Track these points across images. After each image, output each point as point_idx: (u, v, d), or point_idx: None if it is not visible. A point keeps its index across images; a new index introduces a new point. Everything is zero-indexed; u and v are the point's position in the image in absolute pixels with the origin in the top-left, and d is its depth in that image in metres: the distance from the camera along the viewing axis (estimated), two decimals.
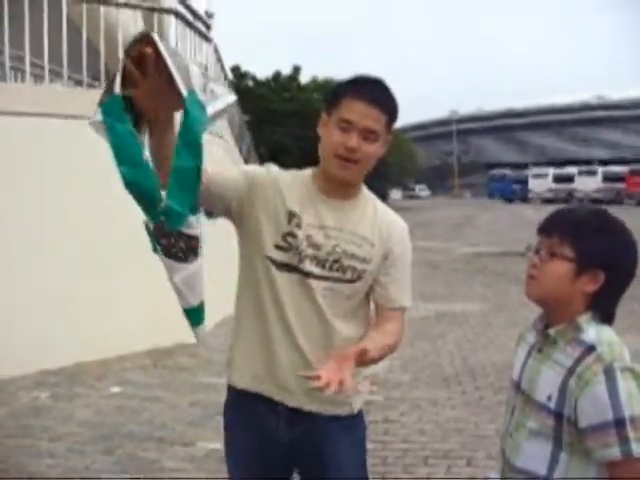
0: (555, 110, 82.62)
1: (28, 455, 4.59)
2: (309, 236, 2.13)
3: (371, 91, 2.12)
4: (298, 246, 2.13)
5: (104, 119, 1.73)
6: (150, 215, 1.83)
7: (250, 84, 32.32)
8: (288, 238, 2.14)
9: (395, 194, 55.26)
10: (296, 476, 2.36)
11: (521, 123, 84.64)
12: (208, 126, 1.80)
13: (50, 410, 5.51)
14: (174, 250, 1.90)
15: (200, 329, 2.11)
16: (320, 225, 2.15)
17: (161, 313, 6.16)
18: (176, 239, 1.88)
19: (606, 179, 44.90)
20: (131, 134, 1.74)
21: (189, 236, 1.88)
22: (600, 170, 46.38)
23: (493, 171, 61.17)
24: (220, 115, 1.86)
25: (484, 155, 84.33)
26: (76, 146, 6.11)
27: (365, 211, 2.23)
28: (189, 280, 1.97)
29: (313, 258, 2.13)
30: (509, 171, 58.49)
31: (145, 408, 5.57)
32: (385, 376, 6.33)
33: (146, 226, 1.89)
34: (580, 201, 38.30)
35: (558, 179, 47.96)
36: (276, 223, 2.15)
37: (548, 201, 42.43)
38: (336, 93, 2.16)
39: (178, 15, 8.54)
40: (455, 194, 73.70)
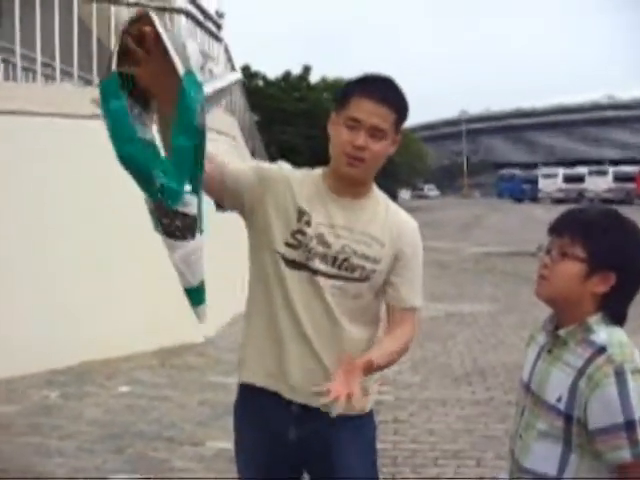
0: (565, 110, 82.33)
1: (38, 454, 4.60)
2: (319, 234, 2.13)
3: (379, 89, 2.11)
4: (307, 244, 2.13)
5: (101, 95, 1.75)
6: (148, 193, 1.84)
7: (260, 84, 32.33)
8: (297, 236, 2.14)
9: (404, 194, 55.21)
10: (306, 476, 2.35)
11: (530, 123, 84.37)
12: (209, 106, 1.80)
13: (60, 409, 5.52)
14: (172, 228, 1.92)
15: (200, 309, 2.11)
16: (330, 224, 2.15)
17: (166, 313, 6.18)
18: (173, 218, 1.90)
19: (617, 179, 44.69)
20: (125, 110, 1.74)
21: (185, 215, 1.90)
22: (611, 170, 46.18)
23: (502, 171, 60.95)
24: (222, 94, 1.85)
25: (493, 155, 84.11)
26: (86, 145, 6.12)
27: (376, 211, 2.22)
28: (187, 259, 1.98)
29: (323, 256, 2.13)
30: (519, 171, 58.30)
31: (154, 407, 5.58)
32: (395, 376, 6.32)
33: (147, 205, 1.91)
34: (590, 201, 38.14)
35: (568, 179, 47.75)
36: (286, 219, 2.15)
37: (558, 201, 42.11)
38: (345, 92, 2.16)
39: (188, 15, 8.54)
40: (464, 194, 73.40)
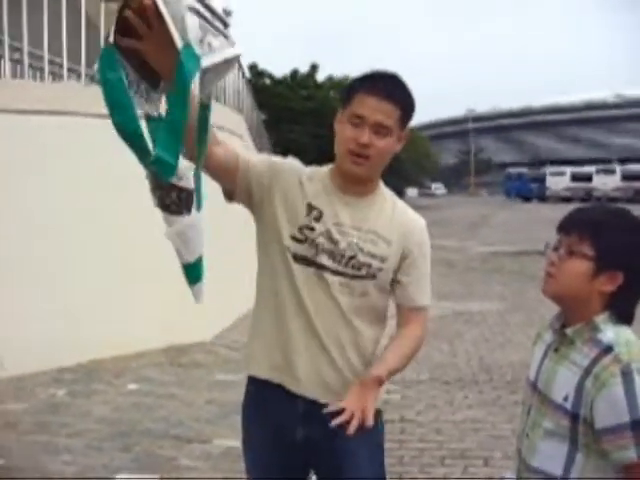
0: (571, 109, 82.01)
1: (45, 451, 4.61)
2: (327, 231, 2.13)
3: (383, 86, 2.10)
4: (314, 239, 2.13)
5: (99, 64, 1.74)
6: (143, 163, 1.83)
7: (267, 82, 32.37)
8: (305, 230, 2.14)
9: (411, 192, 55.10)
10: (313, 476, 2.35)
11: (535, 121, 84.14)
12: (209, 80, 1.77)
13: (68, 407, 5.53)
14: (167, 202, 1.92)
15: (197, 287, 2.11)
16: (337, 221, 2.15)
17: (175, 311, 6.18)
18: (168, 191, 1.90)
19: (625, 178, 44.48)
20: (120, 81, 1.73)
21: (180, 188, 1.90)
22: (619, 168, 45.97)
23: (510, 169, 60.73)
24: (220, 70, 1.81)
25: (498, 155, 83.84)
26: (92, 144, 6.13)
27: (383, 208, 2.22)
28: (183, 234, 1.98)
29: (330, 253, 2.13)
30: (526, 169, 58.05)
31: (161, 405, 5.59)
32: (402, 375, 6.26)
33: (148, 180, 1.92)
34: (598, 200, 37.96)
35: (576, 178, 47.54)
36: (294, 214, 2.15)
37: (566, 200, 41.96)
38: (349, 89, 2.16)
39: (196, 12, 8.52)
40: (471, 192, 73.26)
